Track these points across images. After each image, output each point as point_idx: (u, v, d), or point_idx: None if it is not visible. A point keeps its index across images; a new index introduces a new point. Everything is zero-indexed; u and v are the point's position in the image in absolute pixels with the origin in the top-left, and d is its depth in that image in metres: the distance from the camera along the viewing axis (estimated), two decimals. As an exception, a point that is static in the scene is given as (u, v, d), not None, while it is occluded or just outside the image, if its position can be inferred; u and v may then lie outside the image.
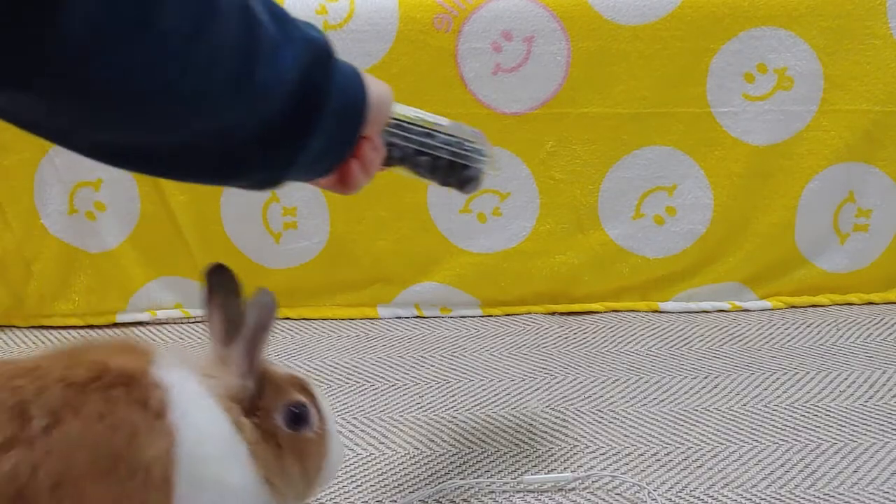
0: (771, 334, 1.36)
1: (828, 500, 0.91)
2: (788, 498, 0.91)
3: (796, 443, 1.02)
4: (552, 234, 1.47)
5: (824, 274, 1.48)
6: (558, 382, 1.21)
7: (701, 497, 0.92)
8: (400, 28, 1.37)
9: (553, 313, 1.47)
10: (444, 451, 1.04)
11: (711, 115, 1.41)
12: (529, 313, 1.45)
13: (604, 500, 0.92)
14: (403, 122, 0.89)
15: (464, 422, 1.10)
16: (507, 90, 1.40)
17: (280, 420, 0.75)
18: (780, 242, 1.46)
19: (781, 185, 1.44)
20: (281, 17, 0.64)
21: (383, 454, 1.03)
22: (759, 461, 0.98)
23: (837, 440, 1.03)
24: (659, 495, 0.92)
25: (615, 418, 1.09)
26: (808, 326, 1.38)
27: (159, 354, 0.72)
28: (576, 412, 1.13)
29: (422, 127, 0.90)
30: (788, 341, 1.33)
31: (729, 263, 1.48)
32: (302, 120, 0.66)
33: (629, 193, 1.45)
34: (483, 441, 1.05)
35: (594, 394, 1.17)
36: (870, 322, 1.38)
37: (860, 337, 1.33)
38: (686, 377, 1.21)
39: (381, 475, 0.98)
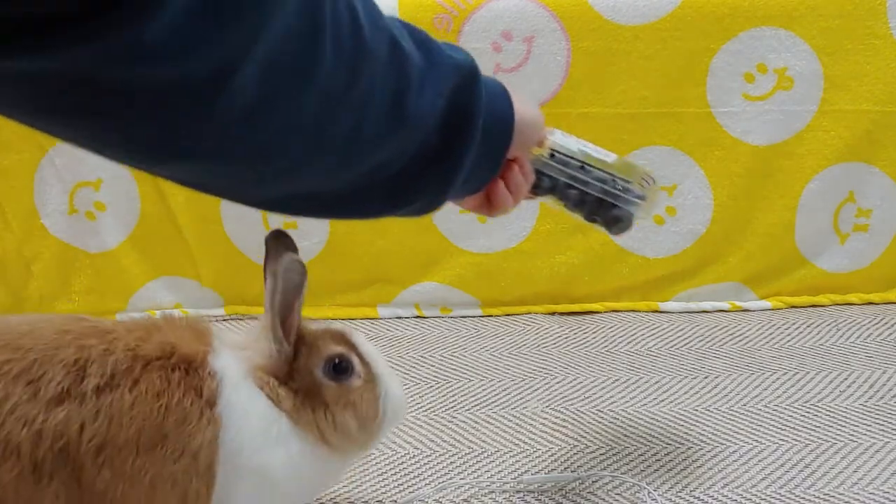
0: (771, 334, 1.36)
1: (827, 500, 0.91)
2: (788, 497, 0.91)
3: (796, 442, 1.02)
4: (552, 234, 1.47)
5: (824, 274, 1.48)
6: (558, 382, 1.21)
7: (701, 497, 0.92)
8: (400, 28, 1.37)
9: (553, 313, 1.47)
10: (444, 451, 1.04)
11: (711, 115, 1.41)
12: (529, 313, 1.45)
13: (603, 500, 0.92)
14: (559, 152, 0.88)
15: (464, 422, 1.10)
16: (507, 90, 1.40)
17: (322, 376, 0.76)
18: (781, 242, 1.46)
19: (781, 185, 1.44)
20: (426, 43, 0.65)
21: (383, 454, 1.03)
22: (759, 461, 0.98)
23: (837, 440, 1.03)
24: (659, 495, 0.92)
25: (615, 418, 1.09)
26: (808, 326, 1.38)
27: (217, 339, 0.74)
28: (576, 412, 1.13)
29: (577, 160, 0.89)
30: (788, 341, 1.33)
31: (729, 263, 1.48)
32: (454, 141, 0.66)
33: (629, 193, 1.45)
34: (483, 441, 1.05)
35: (594, 394, 1.17)
36: (870, 322, 1.38)
37: (860, 337, 1.33)
38: (686, 377, 1.21)
39: (381, 475, 0.98)
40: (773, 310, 1.46)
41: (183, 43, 0.45)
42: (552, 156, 0.88)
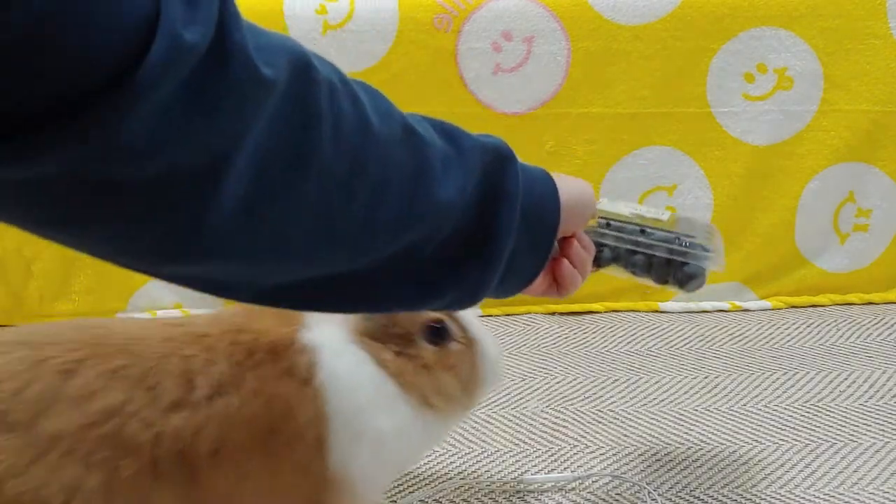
0: (771, 334, 1.36)
1: (827, 500, 0.91)
2: (788, 497, 0.91)
3: (796, 442, 1.02)
4: (552, 234, 1.46)
5: (824, 274, 1.48)
6: (558, 382, 1.21)
7: (701, 497, 0.92)
8: (400, 28, 1.37)
9: (553, 313, 1.47)
10: (445, 450, 1.04)
11: (711, 115, 1.41)
12: (529, 313, 1.45)
13: (603, 499, 0.92)
14: (613, 220, 0.86)
15: (464, 421, 1.10)
16: (507, 90, 1.40)
17: (422, 341, 0.79)
18: (781, 242, 1.46)
19: (781, 185, 1.44)
20: (451, 131, 0.64)
21: (383, 454, 1.03)
22: (759, 461, 0.98)
23: (837, 440, 1.02)
24: (659, 495, 0.92)
25: (615, 418, 1.09)
26: (809, 326, 1.38)
27: (309, 314, 0.75)
28: (576, 412, 1.13)
29: (634, 224, 0.86)
30: (788, 341, 1.33)
31: (729, 263, 1.47)
32: (490, 225, 0.63)
33: (629, 193, 1.45)
34: (483, 441, 1.05)
35: (594, 394, 1.17)
36: (870, 322, 1.38)
37: (860, 337, 1.33)
38: (686, 377, 1.21)
39: (381, 475, 0.98)
40: (773, 310, 1.46)
41: (166, 136, 0.45)
42: (608, 225, 0.86)
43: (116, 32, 0.42)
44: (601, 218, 0.86)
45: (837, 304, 1.47)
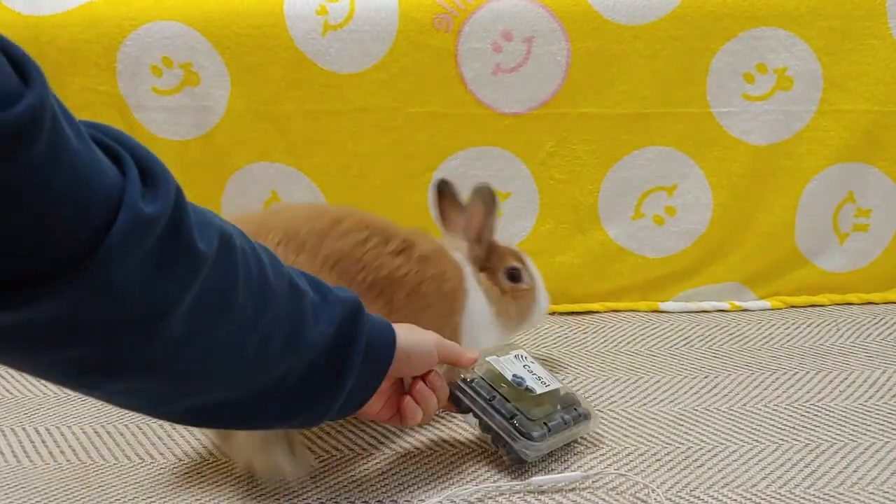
0: (771, 334, 1.36)
1: (828, 500, 0.91)
2: (788, 497, 0.91)
3: (796, 442, 1.02)
4: (552, 234, 1.47)
5: (824, 274, 1.48)
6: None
7: (701, 497, 0.92)
8: (400, 28, 1.37)
9: (553, 313, 1.47)
10: (445, 451, 1.04)
11: (711, 115, 1.41)
12: (529, 313, 1.45)
13: (603, 500, 0.92)
14: (482, 378, 0.99)
15: (465, 423, 1.10)
16: (506, 90, 1.40)
17: (502, 277, 1.17)
18: (780, 242, 1.46)
19: (781, 185, 1.44)
20: (319, 284, 0.80)
21: (385, 454, 1.03)
22: (759, 461, 0.98)
23: (837, 440, 1.03)
24: (660, 495, 0.92)
25: (615, 418, 1.09)
26: (808, 326, 1.38)
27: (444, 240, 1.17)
28: (576, 412, 1.12)
29: (493, 390, 0.98)
30: (788, 341, 1.33)
31: (729, 263, 1.48)
32: (340, 361, 0.79)
33: (629, 193, 1.45)
34: (484, 441, 1.05)
35: (594, 394, 1.17)
36: (869, 322, 1.39)
37: (860, 337, 1.33)
38: (686, 377, 1.21)
39: (381, 475, 0.98)
40: (772, 310, 1.46)
41: (130, 289, 0.57)
42: (471, 381, 0.98)
43: (88, 211, 0.53)
44: (473, 375, 0.98)
45: (837, 304, 1.47)
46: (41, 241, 0.52)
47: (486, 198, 1.13)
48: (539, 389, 1.02)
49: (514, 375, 1.01)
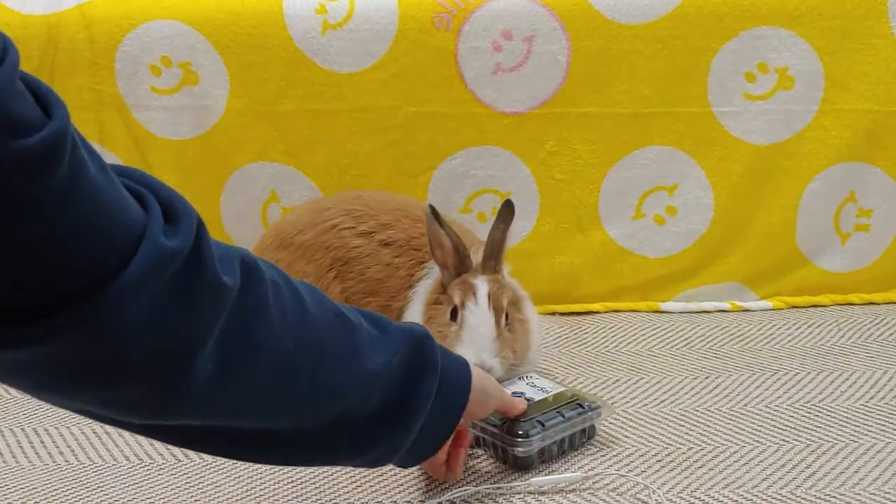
0: (772, 334, 1.36)
1: (829, 501, 0.90)
2: (789, 498, 0.91)
3: (797, 443, 1.02)
4: (552, 233, 1.46)
5: (825, 274, 1.48)
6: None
7: (701, 497, 0.91)
8: (400, 27, 1.37)
9: (553, 313, 1.46)
10: (445, 451, 1.03)
11: (712, 114, 1.40)
12: (529, 313, 1.44)
13: (604, 500, 0.92)
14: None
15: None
16: (507, 90, 1.39)
17: (447, 310, 1.10)
18: (781, 242, 1.46)
19: (782, 184, 1.43)
20: (377, 319, 0.79)
21: (383, 454, 1.03)
22: (761, 461, 0.98)
23: (839, 440, 1.02)
24: (660, 495, 0.92)
25: (615, 419, 1.09)
26: (809, 326, 1.38)
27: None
28: (576, 412, 1.12)
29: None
30: (789, 341, 1.33)
31: (729, 263, 1.47)
32: (412, 393, 0.77)
33: (629, 193, 1.45)
34: (483, 441, 1.05)
35: (594, 394, 1.17)
36: (871, 322, 1.38)
37: (861, 337, 1.33)
38: (687, 377, 1.21)
39: (381, 476, 0.98)
40: (773, 310, 1.46)
41: (151, 325, 0.56)
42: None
43: (109, 241, 0.54)
44: None
45: (838, 304, 1.47)
46: (62, 267, 0.52)
47: (455, 239, 1.09)
48: (538, 397, 1.03)
49: (512, 392, 1.02)
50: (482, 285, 1.08)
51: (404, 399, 0.77)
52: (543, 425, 0.97)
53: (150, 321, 0.56)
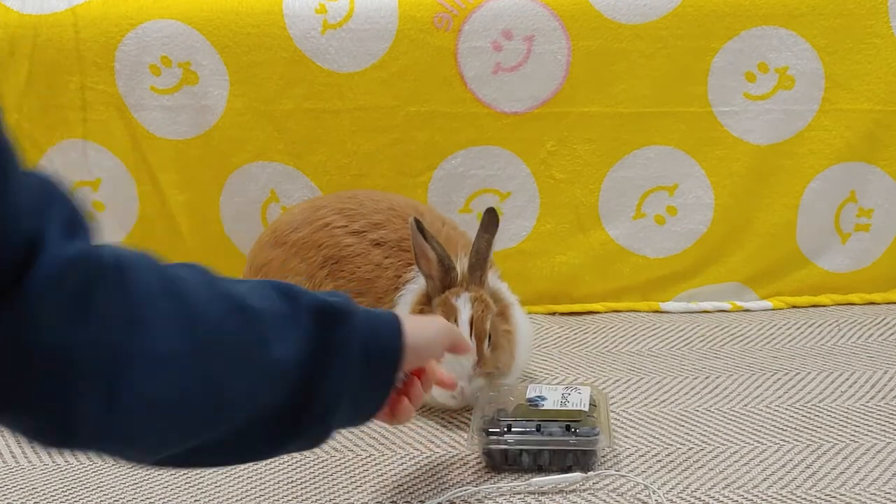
0: (772, 334, 1.36)
1: (829, 501, 0.90)
2: (790, 498, 0.91)
3: (798, 443, 1.02)
4: (552, 233, 1.46)
5: (826, 274, 1.47)
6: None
7: (702, 498, 0.91)
8: (400, 27, 1.37)
9: (553, 313, 1.46)
10: (445, 451, 1.03)
11: (712, 114, 1.40)
12: (529, 313, 1.43)
13: (604, 500, 0.92)
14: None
15: (466, 422, 1.10)
16: (507, 89, 1.39)
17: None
18: (782, 242, 1.46)
19: (783, 184, 1.43)
20: (289, 293, 0.71)
21: (385, 456, 1.02)
22: (761, 461, 0.98)
23: (839, 440, 1.02)
24: (660, 496, 0.91)
25: (616, 419, 1.09)
26: (810, 326, 1.38)
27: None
28: (576, 412, 1.12)
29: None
30: (790, 341, 1.33)
31: (730, 263, 1.47)
32: (320, 377, 0.71)
33: (630, 193, 1.45)
34: (483, 441, 1.05)
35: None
36: (871, 322, 1.38)
37: (861, 337, 1.33)
38: (687, 377, 1.20)
39: (380, 476, 0.98)
40: (774, 310, 1.46)
41: (57, 336, 0.53)
42: (508, 428, 0.97)
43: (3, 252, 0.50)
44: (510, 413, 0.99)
45: (839, 305, 1.46)
46: None
47: (440, 251, 1.07)
48: (550, 406, 1.00)
49: (536, 396, 1.01)
50: (465, 309, 1.05)
51: (314, 384, 0.71)
52: (509, 430, 0.96)
53: (56, 332, 0.54)
